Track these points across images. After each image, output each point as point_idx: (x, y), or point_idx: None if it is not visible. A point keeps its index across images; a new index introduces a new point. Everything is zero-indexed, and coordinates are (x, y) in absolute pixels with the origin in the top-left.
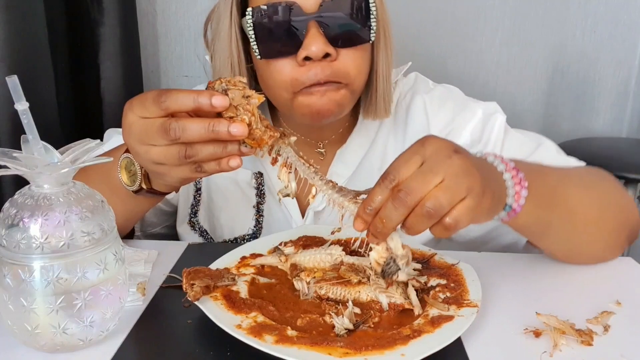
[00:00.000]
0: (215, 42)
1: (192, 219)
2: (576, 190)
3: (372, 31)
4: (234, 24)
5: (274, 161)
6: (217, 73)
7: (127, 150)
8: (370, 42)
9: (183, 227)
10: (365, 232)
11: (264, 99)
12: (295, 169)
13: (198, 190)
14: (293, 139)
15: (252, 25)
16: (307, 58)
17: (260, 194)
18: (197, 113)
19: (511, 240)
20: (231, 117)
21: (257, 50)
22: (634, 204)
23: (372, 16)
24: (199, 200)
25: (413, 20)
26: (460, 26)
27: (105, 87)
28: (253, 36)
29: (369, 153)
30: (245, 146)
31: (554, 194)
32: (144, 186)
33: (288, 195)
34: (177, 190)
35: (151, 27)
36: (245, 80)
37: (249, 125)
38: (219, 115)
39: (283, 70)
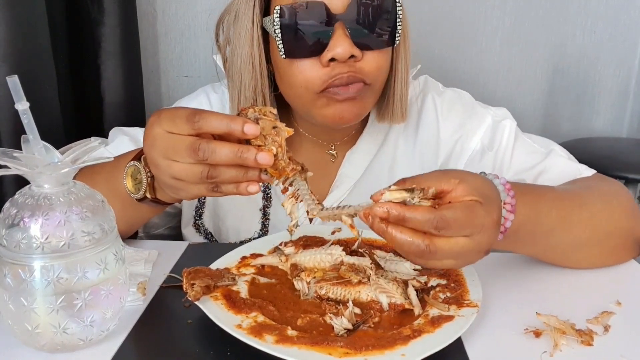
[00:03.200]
0: (233, 42)
1: (197, 221)
2: (573, 233)
3: (397, 35)
4: (256, 24)
5: (285, 190)
6: (237, 73)
7: (134, 158)
8: (395, 45)
9: (188, 229)
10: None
11: (292, 132)
12: (301, 201)
13: None
14: (310, 174)
15: (278, 23)
16: (332, 59)
17: (267, 197)
18: (222, 136)
19: None
20: (259, 146)
21: (282, 50)
22: None
23: (398, 21)
24: (204, 202)
25: (412, 20)
26: (460, 26)
27: (105, 87)
28: (279, 34)
29: (378, 155)
30: (266, 174)
31: (536, 240)
32: (148, 195)
33: (297, 226)
34: (180, 201)
35: (151, 27)
36: (275, 111)
37: (275, 155)
38: (247, 142)
39: (307, 70)
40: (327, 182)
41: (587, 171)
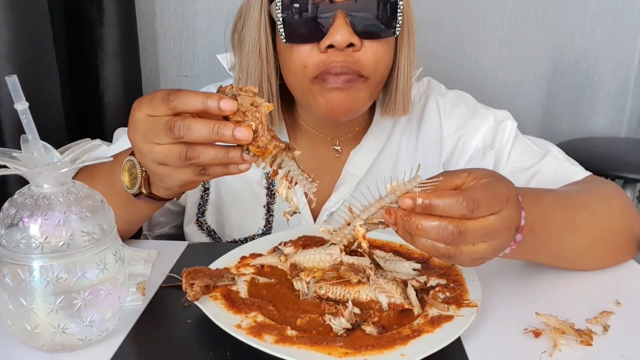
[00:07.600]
0: (244, 30)
1: (199, 219)
2: (578, 234)
3: (397, 26)
4: (264, 10)
5: (275, 174)
6: (245, 59)
7: (132, 153)
8: (395, 36)
9: (190, 227)
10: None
11: (273, 107)
12: (296, 183)
13: (206, 190)
14: (297, 152)
15: (280, 7)
16: (330, 46)
17: (271, 194)
18: (203, 115)
19: None
20: (238, 122)
21: (282, 34)
22: (638, 216)
23: (399, 11)
24: (206, 199)
25: None
26: (459, 26)
27: (104, 87)
28: (280, 19)
29: (382, 153)
30: (249, 153)
31: (549, 243)
32: (143, 190)
33: (295, 212)
34: (178, 197)
35: (150, 27)
36: (256, 89)
37: (255, 132)
38: (226, 119)
39: (305, 56)
40: (331, 179)
41: (582, 172)
